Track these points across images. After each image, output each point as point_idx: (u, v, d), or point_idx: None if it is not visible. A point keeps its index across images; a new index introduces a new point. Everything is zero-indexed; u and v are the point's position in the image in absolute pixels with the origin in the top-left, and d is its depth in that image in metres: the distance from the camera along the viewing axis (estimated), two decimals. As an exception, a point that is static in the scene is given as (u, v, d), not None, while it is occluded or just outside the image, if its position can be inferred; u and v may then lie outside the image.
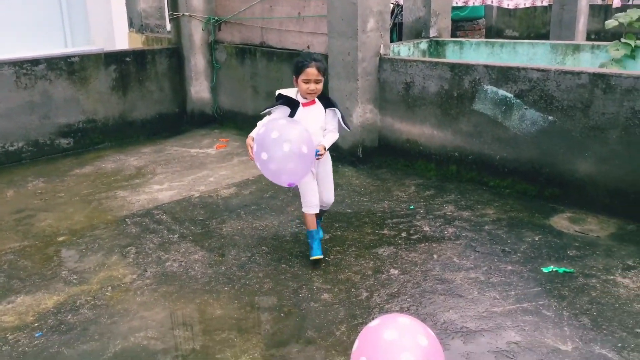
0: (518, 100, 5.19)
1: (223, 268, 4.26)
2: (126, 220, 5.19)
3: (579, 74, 4.77)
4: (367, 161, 6.46)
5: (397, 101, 6.21)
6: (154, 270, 4.25)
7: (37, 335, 3.48)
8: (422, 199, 5.46)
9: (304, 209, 4.23)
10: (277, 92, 4.10)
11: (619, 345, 3.19)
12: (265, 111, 4.10)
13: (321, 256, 4.20)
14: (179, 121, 8.52)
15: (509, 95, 5.24)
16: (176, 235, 4.84)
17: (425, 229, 4.79)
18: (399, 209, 5.23)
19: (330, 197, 4.36)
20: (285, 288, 3.95)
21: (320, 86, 3.94)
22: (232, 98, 8.34)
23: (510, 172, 5.43)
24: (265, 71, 7.65)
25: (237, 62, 8.07)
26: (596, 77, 4.67)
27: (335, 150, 5.41)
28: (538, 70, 5.02)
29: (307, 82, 3.89)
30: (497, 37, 17.68)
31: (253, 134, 3.90)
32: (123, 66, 7.86)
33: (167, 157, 7.13)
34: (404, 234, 4.71)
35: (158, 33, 9.81)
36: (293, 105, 4.00)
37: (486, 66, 5.38)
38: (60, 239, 4.84)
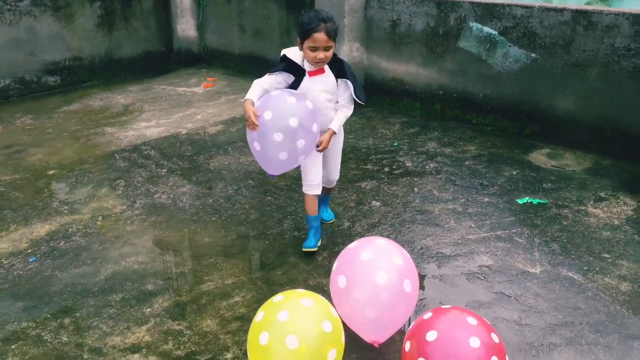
0: (502, 38, 5.24)
1: (210, 200, 4.39)
2: (115, 155, 5.28)
3: (562, 10, 4.81)
4: (353, 100, 6.52)
5: (383, 39, 6.23)
6: (143, 202, 4.37)
7: (31, 260, 3.62)
8: (406, 136, 5.57)
9: (304, 189, 3.59)
10: (282, 52, 3.43)
11: (585, 268, 3.38)
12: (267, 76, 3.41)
13: (314, 249, 3.59)
14: (166, 60, 8.49)
15: (494, 32, 5.28)
16: (164, 170, 4.94)
17: (407, 164, 4.92)
18: (383, 146, 5.34)
19: (335, 174, 3.76)
20: (270, 218, 4.09)
21: (330, 53, 3.23)
22: (219, 36, 8.29)
23: (493, 109, 5.53)
24: (252, 9, 7.59)
25: None
26: (578, 14, 4.72)
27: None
28: (522, 7, 5.05)
29: (314, 49, 3.18)
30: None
31: (251, 95, 3.28)
32: (108, 2, 7.76)
33: (154, 96, 7.15)
34: (386, 169, 4.85)
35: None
36: (298, 72, 3.35)
37: (472, 2, 5.40)
38: (50, 172, 4.93)
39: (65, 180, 4.76)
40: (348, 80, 3.34)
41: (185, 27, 8.41)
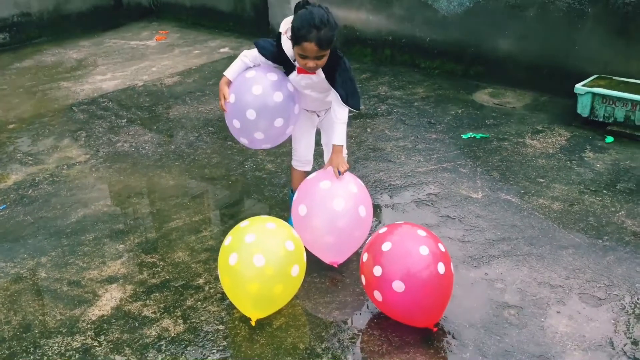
0: (446, -17, 5.46)
1: (172, 147, 4.55)
2: (73, 108, 5.35)
3: (501, -45, 5.05)
4: (306, 48, 6.67)
5: (333, -13, 6.36)
6: (107, 151, 4.50)
7: (1, 208, 3.74)
8: (358, 81, 5.79)
9: (292, 163, 3.38)
10: (279, 30, 2.94)
11: (521, 192, 3.73)
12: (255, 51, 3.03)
13: None
14: (116, 14, 8.40)
15: (438, -23, 5.50)
16: (124, 120, 5.06)
17: (360, 107, 5.15)
18: (336, 91, 5.55)
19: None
20: (232, 161, 4.30)
21: (322, 61, 2.79)
22: (170, -11, 8.24)
23: (440, 53, 5.79)
24: (201, -40, 7.57)
25: (173, -49, 7.92)
26: (516, -42, 4.98)
27: (274, 36, 5.60)
28: (465, -48, 5.27)
29: (303, 57, 2.77)
30: None
31: (230, 72, 3.04)
32: (53, -44, 7.60)
33: (106, 50, 7.14)
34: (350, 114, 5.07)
35: None
36: (287, 65, 3.00)
37: (417, -51, 5.58)
38: (10, 126, 4.98)
39: (26, 134, 4.83)
40: (337, 92, 2.92)
41: (134, -21, 8.32)
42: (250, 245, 2.59)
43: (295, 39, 2.73)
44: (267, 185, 3.93)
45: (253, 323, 2.66)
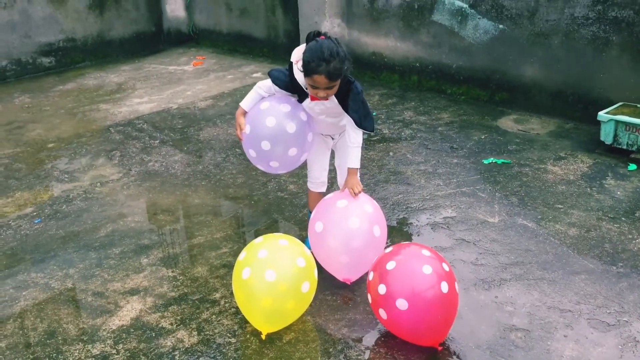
0: (472, 10, 5.55)
1: (200, 167, 4.73)
2: (110, 129, 5.60)
3: (526, -16, 5.13)
4: (336, 74, 6.82)
5: (363, 15, 6.53)
6: (138, 170, 4.71)
7: (36, 222, 3.96)
8: (384, 106, 5.90)
9: (308, 184, 3.51)
10: (292, 59, 3.02)
11: (539, 217, 3.74)
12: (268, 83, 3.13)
13: None
14: (156, 40, 8.77)
15: (464, 5, 5.60)
16: (157, 141, 5.27)
17: (384, 132, 5.26)
18: (363, 116, 5.67)
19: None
20: (255, 182, 4.44)
21: (333, 91, 2.89)
22: (207, 16, 8.57)
23: (465, 79, 5.86)
24: (238, -12, 7.87)
25: (211, -20, 8.25)
26: (541, -13, 5.04)
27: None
28: (490, -19, 5.36)
29: (314, 87, 2.87)
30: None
31: (246, 104, 3.15)
32: (99, -15, 8.02)
33: (145, 74, 7.45)
34: (365, 136, 5.16)
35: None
36: (301, 93, 3.09)
37: (444, -21, 5.70)
38: (50, 145, 5.26)
39: (64, 152, 5.09)
40: (351, 117, 3.02)
41: (174, 7, 8.68)
42: (262, 261, 2.70)
43: (306, 71, 2.83)
44: (288, 205, 4.05)
45: (263, 337, 2.75)
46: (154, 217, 4.01)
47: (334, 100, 3.01)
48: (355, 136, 3.09)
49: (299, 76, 2.98)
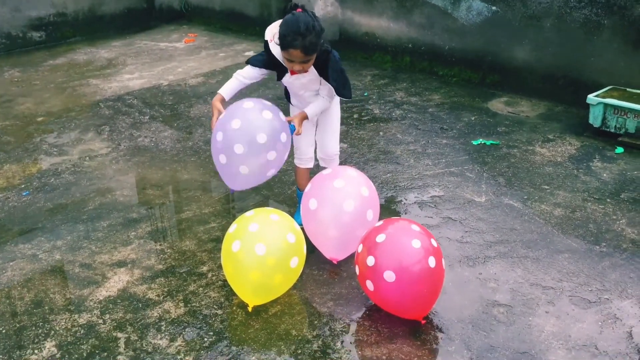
0: (465, -8, 5.54)
1: (190, 143, 4.72)
2: (99, 104, 5.58)
3: (519, -35, 5.12)
4: (328, 54, 6.80)
5: (356, -5, 6.50)
6: (127, 145, 4.70)
7: (24, 194, 3.95)
8: (376, 87, 5.90)
9: (295, 160, 3.52)
10: (266, 38, 3.08)
11: (525, 197, 3.78)
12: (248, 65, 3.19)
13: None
14: (148, 16, 8.69)
15: (458, -13, 5.58)
16: (147, 117, 5.25)
17: (375, 112, 5.27)
18: (354, 96, 5.67)
19: (330, 147, 3.41)
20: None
21: (309, 65, 2.96)
22: (200, -7, 8.49)
23: (457, 61, 5.86)
24: (231, -35, 7.79)
25: (204, -43, 8.17)
26: (534, -31, 5.03)
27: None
28: (484, -38, 5.35)
29: (290, 61, 2.94)
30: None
31: (224, 90, 3.16)
32: (90, -41, 7.92)
33: (136, 50, 7.40)
34: (355, 116, 5.19)
35: None
36: (280, 68, 3.13)
37: (438, -41, 5.68)
38: (39, 119, 5.23)
39: (53, 126, 5.07)
40: (331, 86, 3.09)
41: (167, -17, 8.59)
42: (253, 234, 2.71)
43: (282, 45, 2.87)
44: (277, 182, 4.06)
45: (250, 309, 2.78)
46: (143, 191, 4.01)
47: (313, 72, 3.05)
48: (327, 100, 3.20)
49: (276, 50, 3.00)
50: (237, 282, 2.78)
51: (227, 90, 3.15)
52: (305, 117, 3.18)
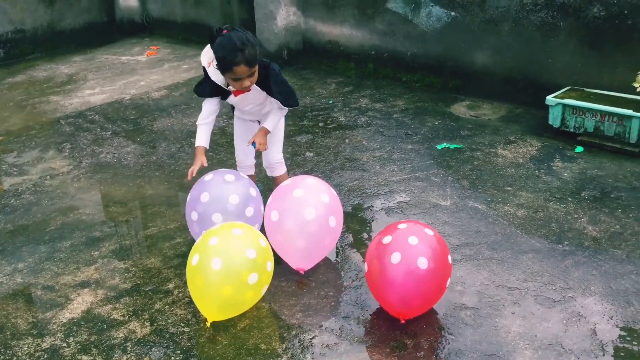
0: (424, -2, 5.61)
1: (154, 157, 4.67)
2: (60, 121, 5.48)
3: (476, -29, 5.20)
4: (292, 63, 6.81)
5: (318, 3, 6.52)
6: (89, 162, 4.62)
7: (-17, 217, 3.86)
8: (341, 94, 5.92)
9: (238, 169, 3.61)
10: (203, 65, 3.15)
11: (489, 199, 3.82)
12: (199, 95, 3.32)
13: None
14: (109, 30, 8.59)
15: (417, -7, 5.65)
16: (109, 132, 5.18)
17: (340, 119, 5.28)
18: (319, 104, 5.68)
19: (271, 155, 3.51)
20: (210, 171, 4.39)
21: (255, 76, 3.02)
22: (161, 5, 8.43)
23: (420, 67, 5.92)
24: (191, -23, 7.76)
25: (164, -31, 8.11)
26: (490, -26, 5.12)
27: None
28: (441, -32, 5.42)
29: (237, 80, 2.98)
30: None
31: (200, 141, 3.27)
32: (47, -26, 7.80)
33: (98, 65, 7.30)
34: (321, 124, 5.20)
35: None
36: (224, 92, 3.20)
37: (397, -34, 5.73)
38: (-2, 139, 5.12)
39: (13, 146, 4.96)
40: (273, 98, 3.20)
41: (127, -3, 8.51)
42: (211, 248, 2.68)
43: (224, 67, 2.92)
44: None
45: (208, 325, 2.75)
46: (106, 209, 3.94)
47: (256, 88, 3.12)
48: (281, 111, 3.31)
49: (215, 77, 3.07)
50: (196, 296, 2.74)
51: (203, 139, 3.25)
52: (267, 132, 3.29)
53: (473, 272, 3.11)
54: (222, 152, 4.69)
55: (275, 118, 3.31)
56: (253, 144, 3.25)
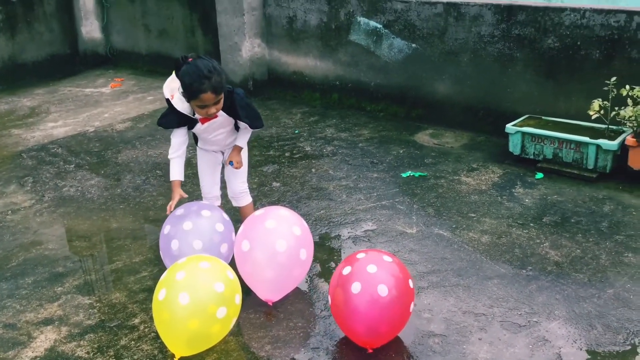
0: (386, 30, 5.74)
1: (119, 190, 4.62)
2: (22, 154, 5.39)
3: (435, 3, 5.36)
4: (258, 94, 6.86)
5: (282, 35, 6.61)
6: (52, 195, 4.54)
7: (-60, 254, 3.74)
8: (306, 124, 5.98)
9: (203, 200, 3.62)
10: (166, 97, 3.16)
11: (454, 226, 3.89)
12: (165, 126, 3.33)
13: None
14: (72, 62, 8.52)
15: (379, 25, 5.78)
16: (72, 165, 5.11)
17: (306, 149, 5.32)
18: (285, 134, 5.72)
19: (236, 185, 3.55)
20: (178, 203, 4.36)
21: (220, 104, 3.05)
22: (125, 37, 8.42)
23: (383, 96, 6.04)
24: (155, 9, 7.79)
25: (127, 0, 8.12)
26: (449, 6, 5.28)
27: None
28: (402, 1, 5.57)
29: (203, 107, 2.99)
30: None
31: (175, 175, 3.29)
32: (9, 7, 7.73)
33: (60, 97, 7.22)
34: (287, 154, 5.23)
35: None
36: (190, 121, 3.21)
37: (359, -1, 5.88)
38: (-44, 174, 4.99)
39: (-29, 180, 4.85)
40: (241, 121, 3.25)
41: (90, 29, 8.48)
42: (178, 282, 2.65)
43: (191, 94, 2.94)
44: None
45: (176, 359, 2.71)
46: (70, 243, 3.88)
47: (223, 114, 3.17)
48: (248, 132, 3.43)
49: (181, 105, 3.09)
50: (163, 331, 2.70)
51: (177, 172, 3.27)
52: (240, 149, 3.40)
53: (440, 299, 3.15)
54: (188, 184, 4.67)
55: (246, 136, 3.41)
56: (231, 162, 3.34)
